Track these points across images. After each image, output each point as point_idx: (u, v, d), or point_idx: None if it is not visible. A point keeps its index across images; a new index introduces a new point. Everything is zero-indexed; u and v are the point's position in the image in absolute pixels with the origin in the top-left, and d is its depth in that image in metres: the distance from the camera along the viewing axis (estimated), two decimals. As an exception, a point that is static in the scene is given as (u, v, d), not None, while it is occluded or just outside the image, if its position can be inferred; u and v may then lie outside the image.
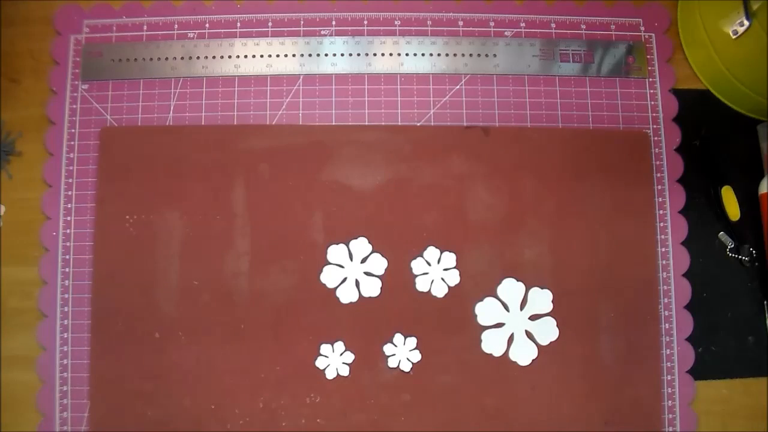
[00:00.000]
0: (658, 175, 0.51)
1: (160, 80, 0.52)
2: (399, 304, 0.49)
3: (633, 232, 0.51)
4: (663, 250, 0.51)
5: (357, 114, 0.52)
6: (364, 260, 0.49)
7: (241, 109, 0.51)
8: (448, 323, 0.49)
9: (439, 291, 0.49)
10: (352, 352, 0.49)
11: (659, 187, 0.51)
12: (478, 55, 0.52)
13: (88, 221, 0.50)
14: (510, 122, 0.52)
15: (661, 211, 0.51)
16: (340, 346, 0.49)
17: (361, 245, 0.50)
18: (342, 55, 0.52)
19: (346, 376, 0.49)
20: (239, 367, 0.48)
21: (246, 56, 0.52)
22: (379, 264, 0.49)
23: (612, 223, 0.50)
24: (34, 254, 0.50)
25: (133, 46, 0.52)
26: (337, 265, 0.49)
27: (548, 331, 0.49)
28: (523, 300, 0.50)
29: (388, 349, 0.49)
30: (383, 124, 0.51)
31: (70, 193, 0.50)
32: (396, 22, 0.53)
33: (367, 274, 0.49)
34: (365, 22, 0.53)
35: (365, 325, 0.49)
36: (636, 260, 0.50)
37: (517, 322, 0.49)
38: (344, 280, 0.49)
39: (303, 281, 0.49)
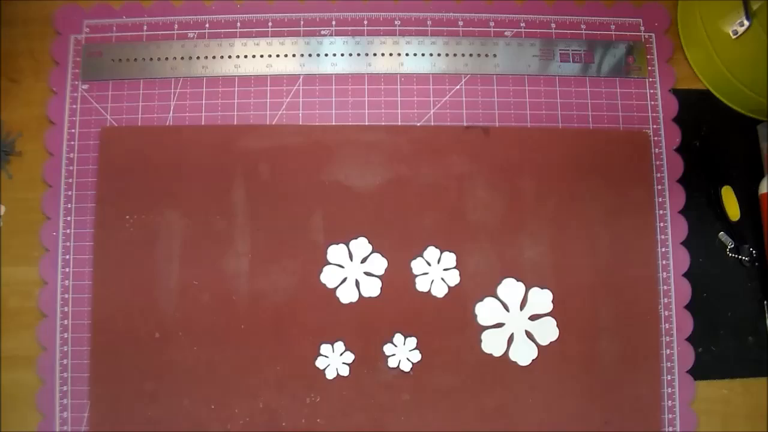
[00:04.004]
0: (658, 175, 0.52)
1: (160, 80, 0.52)
2: (399, 304, 0.49)
3: (633, 232, 0.51)
4: (663, 250, 0.51)
5: (357, 114, 0.52)
6: (364, 260, 0.49)
7: (241, 109, 0.51)
8: (448, 323, 0.49)
9: (439, 291, 0.49)
10: (352, 352, 0.49)
11: (659, 187, 0.51)
12: (478, 55, 0.52)
13: (88, 221, 0.50)
14: (510, 122, 0.52)
15: (661, 211, 0.51)
16: (340, 346, 0.49)
17: (361, 245, 0.50)
18: (342, 55, 0.52)
19: (346, 376, 0.49)
20: (239, 367, 0.48)
21: (246, 56, 0.52)
22: (379, 264, 0.49)
23: (612, 223, 0.50)
24: (34, 254, 0.50)
25: (133, 46, 0.52)
26: (337, 265, 0.49)
27: (548, 331, 0.49)
28: (523, 300, 0.50)
29: (388, 349, 0.49)
30: (383, 124, 0.51)
31: (70, 193, 0.50)
32: (396, 22, 0.53)
33: (367, 274, 0.49)
34: (365, 22, 0.53)
35: (365, 325, 0.49)
36: (636, 260, 0.50)
37: (517, 322, 0.49)
38: (344, 280, 0.49)
39: (303, 281, 0.49)
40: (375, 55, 0.52)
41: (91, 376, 0.48)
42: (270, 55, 0.52)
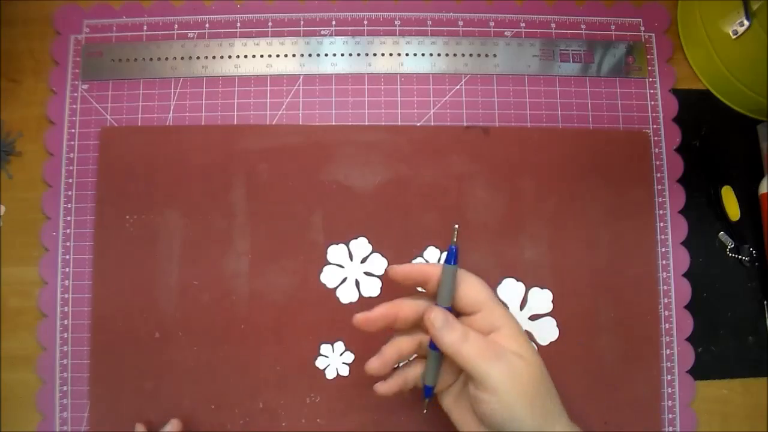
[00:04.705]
0: (658, 175, 0.52)
1: (160, 80, 0.52)
2: (399, 304, 0.49)
3: (633, 232, 0.51)
4: (663, 250, 0.51)
5: (357, 114, 0.52)
6: (364, 260, 0.49)
7: (241, 109, 0.51)
8: (448, 323, 0.49)
9: (439, 291, 0.49)
10: (352, 352, 0.49)
11: (659, 187, 0.51)
12: (478, 55, 0.52)
13: (88, 221, 0.50)
14: (510, 122, 0.52)
15: (661, 211, 0.51)
16: (340, 346, 0.49)
17: (361, 245, 0.50)
18: (342, 55, 0.52)
19: (346, 376, 0.49)
20: (239, 367, 0.48)
21: (246, 56, 0.52)
22: (379, 264, 0.49)
23: (612, 223, 0.50)
24: (34, 254, 0.50)
25: (133, 46, 0.52)
26: (337, 265, 0.49)
27: (548, 331, 0.49)
28: (523, 300, 0.50)
29: (388, 349, 0.49)
30: (383, 124, 0.51)
31: (70, 193, 0.50)
32: (396, 22, 0.53)
33: (367, 274, 0.49)
34: (365, 22, 0.53)
35: (365, 325, 0.49)
36: (636, 260, 0.50)
37: (517, 322, 0.49)
38: (344, 280, 0.49)
39: (303, 281, 0.49)
40: (375, 55, 0.52)
41: (91, 376, 0.48)
42: (270, 55, 0.52)
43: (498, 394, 0.36)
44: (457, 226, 0.40)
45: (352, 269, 0.49)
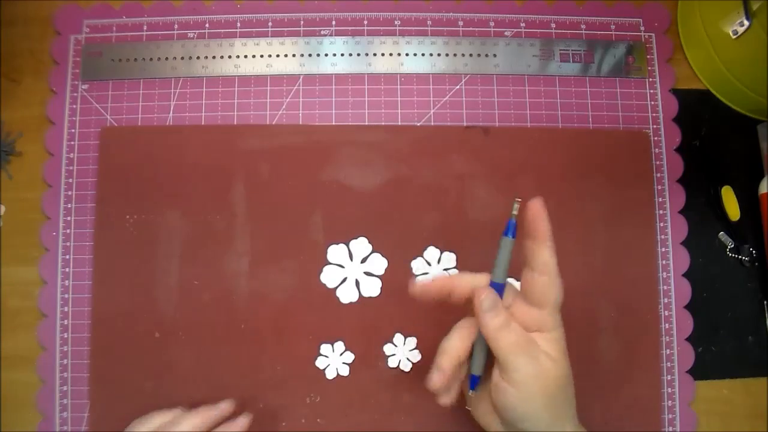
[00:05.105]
0: (658, 175, 0.52)
1: (160, 80, 0.52)
2: (399, 304, 0.49)
3: (633, 232, 0.51)
4: (663, 250, 0.51)
5: (357, 114, 0.52)
6: (364, 260, 0.49)
7: (241, 109, 0.51)
8: (448, 323, 0.49)
9: (439, 291, 0.49)
10: (352, 352, 0.49)
11: (659, 187, 0.51)
12: (478, 55, 0.52)
13: (88, 221, 0.50)
14: (510, 122, 0.52)
15: (661, 211, 0.51)
16: (340, 346, 0.49)
17: (361, 245, 0.50)
18: (342, 55, 0.52)
19: (346, 376, 0.49)
20: (239, 367, 0.48)
21: (246, 56, 0.52)
22: (379, 264, 0.49)
23: (612, 223, 0.50)
24: (34, 254, 0.50)
25: (133, 46, 0.52)
26: (337, 265, 0.49)
27: (548, 331, 0.49)
28: (523, 300, 0.50)
29: (388, 349, 0.49)
30: (383, 124, 0.51)
31: (70, 193, 0.50)
32: (396, 22, 0.53)
33: (367, 274, 0.49)
34: (365, 22, 0.53)
35: (365, 325, 0.49)
36: (636, 260, 0.50)
37: (517, 322, 0.49)
38: (344, 280, 0.49)
39: (303, 281, 0.49)
40: (375, 55, 0.52)
41: (91, 376, 0.48)
42: (270, 55, 0.52)
43: (521, 388, 0.36)
44: (519, 199, 0.38)
45: (352, 269, 0.49)
